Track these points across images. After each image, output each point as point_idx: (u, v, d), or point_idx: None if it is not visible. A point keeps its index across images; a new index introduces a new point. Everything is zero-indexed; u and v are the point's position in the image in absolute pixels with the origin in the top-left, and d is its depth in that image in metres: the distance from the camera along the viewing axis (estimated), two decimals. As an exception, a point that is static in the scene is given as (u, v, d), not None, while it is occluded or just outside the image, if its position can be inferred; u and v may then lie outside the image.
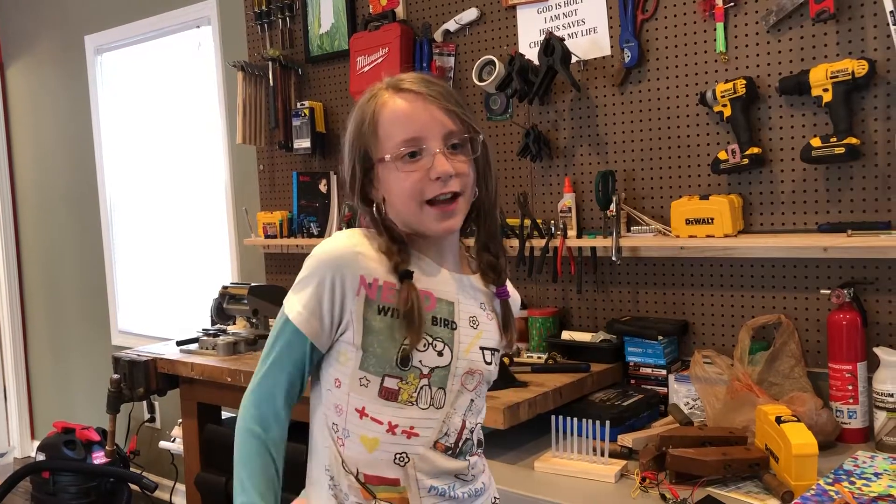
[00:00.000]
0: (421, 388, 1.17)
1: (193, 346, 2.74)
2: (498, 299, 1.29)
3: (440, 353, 1.17)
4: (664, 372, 2.11)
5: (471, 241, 1.30)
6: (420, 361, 1.16)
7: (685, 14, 2.15)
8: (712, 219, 2.03)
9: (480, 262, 1.27)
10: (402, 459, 1.17)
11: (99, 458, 3.56)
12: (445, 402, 1.18)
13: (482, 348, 1.24)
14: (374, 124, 1.18)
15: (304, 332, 1.16)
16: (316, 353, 1.19)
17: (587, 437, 1.74)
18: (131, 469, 3.66)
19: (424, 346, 1.16)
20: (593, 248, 2.31)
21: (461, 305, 1.22)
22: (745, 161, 2.02)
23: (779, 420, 1.58)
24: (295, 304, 1.17)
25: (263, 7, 3.11)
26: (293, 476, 1.31)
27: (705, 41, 2.12)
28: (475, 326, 1.23)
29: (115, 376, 2.77)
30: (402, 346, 1.14)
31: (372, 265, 1.16)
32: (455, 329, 1.20)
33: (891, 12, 1.79)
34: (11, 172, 4.72)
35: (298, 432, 1.28)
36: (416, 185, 1.15)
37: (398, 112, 1.17)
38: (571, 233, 2.33)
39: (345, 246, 1.17)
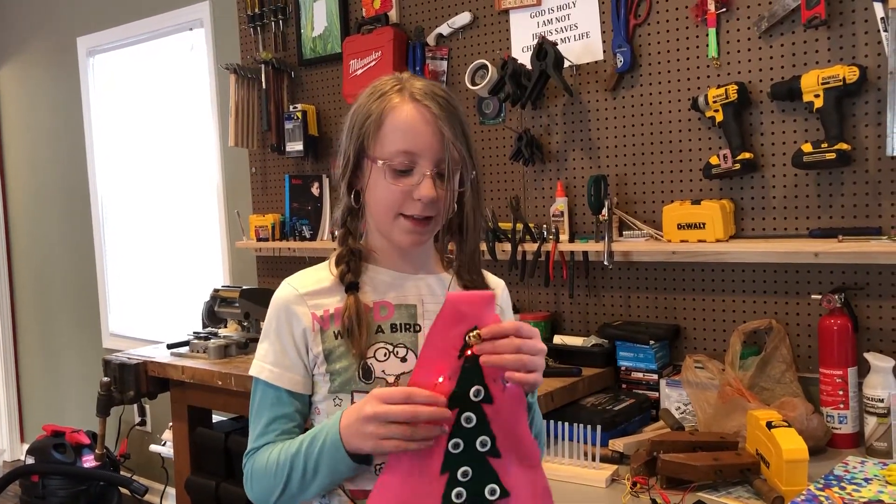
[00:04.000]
0: None
1: (184, 350, 2.73)
2: None
3: (403, 359, 1.16)
4: (656, 377, 2.11)
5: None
6: (383, 371, 1.15)
7: (678, 19, 2.15)
8: (704, 224, 2.04)
9: (461, 281, 1.25)
10: (381, 469, 1.16)
11: (89, 461, 3.54)
12: None
13: None
14: (379, 122, 1.17)
15: (284, 387, 1.17)
16: (303, 398, 1.19)
17: (578, 441, 1.74)
18: (121, 472, 3.64)
19: (385, 355, 1.16)
20: (585, 253, 2.32)
21: (426, 305, 1.21)
22: (737, 166, 2.02)
23: (769, 425, 1.58)
24: (265, 366, 1.18)
25: (256, 10, 3.11)
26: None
27: (697, 46, 2.12)
28: None
29: (106, 379, 2.75)
30: (357, 359, 1.15)
31: (319, 300, 1.18)
32: (419, 331, 1.19)
33: (882, 19, 1.80)
34: (2, 174, 4.70)
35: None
36: (397, 198, 1.15)
37: (406, 121, 1.15)
38: (563, 237, 2.33)
39: (289, 293, 1.19)
